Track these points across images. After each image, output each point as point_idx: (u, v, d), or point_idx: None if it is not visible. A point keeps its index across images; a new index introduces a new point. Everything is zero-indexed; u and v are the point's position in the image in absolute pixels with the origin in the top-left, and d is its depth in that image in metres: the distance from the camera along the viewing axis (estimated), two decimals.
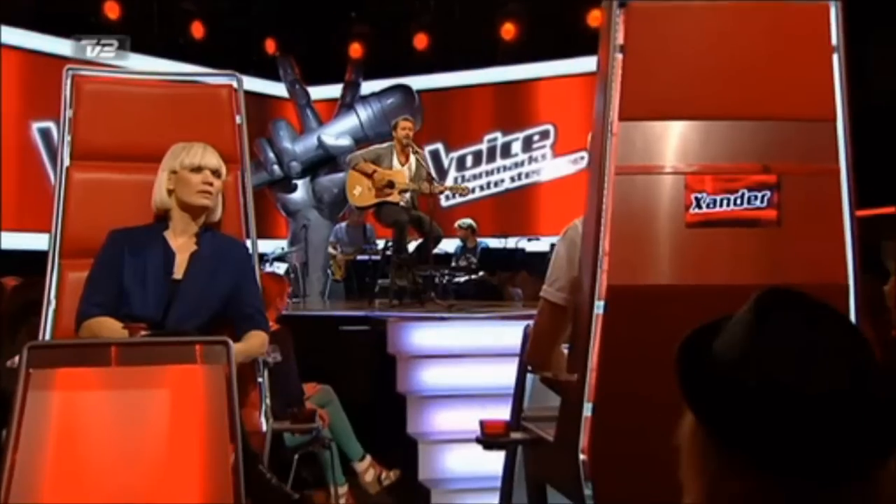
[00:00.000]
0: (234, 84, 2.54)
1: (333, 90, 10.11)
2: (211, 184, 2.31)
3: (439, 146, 10.39)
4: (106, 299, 2.23)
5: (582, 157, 9.77)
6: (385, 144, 6.36)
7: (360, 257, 8.42)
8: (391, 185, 6.09)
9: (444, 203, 9.51)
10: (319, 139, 9.64)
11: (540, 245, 8.63)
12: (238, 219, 2.51)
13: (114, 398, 1.83)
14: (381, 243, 8.30)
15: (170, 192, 2.33)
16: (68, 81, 2.47)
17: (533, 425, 2.18)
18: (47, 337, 2.35)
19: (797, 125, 1.65)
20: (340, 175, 9.56)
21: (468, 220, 8.69)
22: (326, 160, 9.74)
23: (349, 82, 10.03)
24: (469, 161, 10.45)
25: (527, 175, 10.16)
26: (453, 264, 8.56)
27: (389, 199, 6.11)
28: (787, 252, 1.66)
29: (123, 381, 1.84)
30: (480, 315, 5.26)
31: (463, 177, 10.35)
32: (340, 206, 9.66)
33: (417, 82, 9.93)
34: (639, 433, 1.76)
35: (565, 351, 2.04)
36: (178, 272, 2.28)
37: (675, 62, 1.70)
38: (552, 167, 9.99)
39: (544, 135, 10.05)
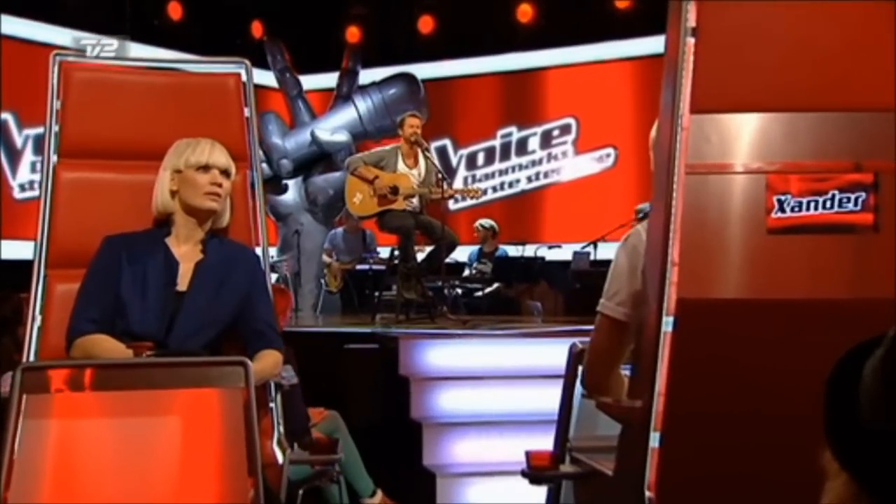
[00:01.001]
0: (243, 73, 2.55)
1: (328, 79, 10.13)
2: (220, 185, 2.31)
3: (446, 142, 10.41)
4: (101, 314, 2.23)
5: (608, 155, 9.78)
6: (389, 146, 6.38)
7: (358, 266, 8.43)
8: (395, 190, 6.09)
9: (451, 206, 9.51)
10: (313, 134, 9.65)
11: (561, 253, 8.64)
12: (247, 224, 2.51)
13: (118, 426, 1.83)
14: (382, 251, 8.31)
15: (173, 193, 2.33)
16: (55, 68, 2.47)
17: (584, 456, 2.17)
18: (31, 358, 2.35)
19: (894, 117, 1.64)
20: (336, 175, 9.57)
21: (489, 221, 8.70)
22: (321, 158, 9.75)
23: (346, 70, 10.05)
24: (480, 159, 10.46)
25: (545, 175, 10.17)
26: (466, 273, 8.56)
27: (393, 206, 6.12)
28: (882, 262, 1.65)
29: (129, 407, 1.84)
30: (503, 332, 5.26)
31: (473, 176, 10.36)
32: (336, 210, 9.66)
33: (422, 70, 9.94)
34: (713, 467, 1.76)
35: (624, 373, 2.03)
36: (183, 283, 2.28)
37: (754, 46, 1.69)
38: (574, 166, 10.00)
39: (565, 129, 10.06)
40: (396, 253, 6.44)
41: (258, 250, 2.50)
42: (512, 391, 4.50)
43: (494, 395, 4.48)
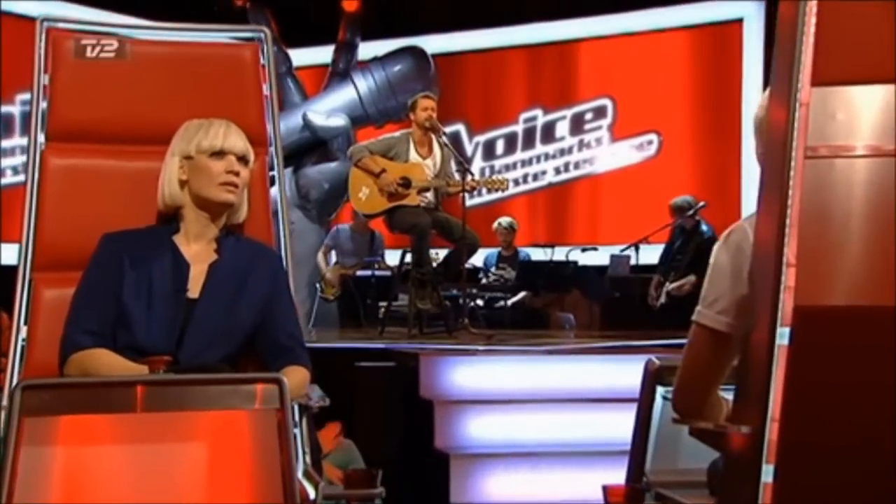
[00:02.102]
0: (262, 43, 2.55)
1: (322, 54, 10.13)
2: (237, 173, 2.31)
3: (460, 128, 10.41)
4: (100, 325, 2.23)
5: (650, 142, 9.78)
6: (399, 133, 6.38)
7: (358, 273, 8.42)
8: (407, 183, 6.09)
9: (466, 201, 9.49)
10: (305, 118, 9.65)
11: (597, 257, 8.64)
12: (266, 219, 2.50)
13: (133, 455, 1.83)
14: (390, 255, 8.30)
15: (182, 183, 2.32)
16: (43, 37, 2.47)
17: (669, 492, 2.15)
18: (15, 378, 2.34)
19: None
20: (332, 165, 9.58)
21: (509, 219, 8.70)
22: (314, 145, 9.75)
23: (343, 43, 10.05)
24: (499, 147, 10.46)
25: (576, 165, 10.17)
26: (483, 280, 8.57)
27: (405, 201, 6.11)
28: None
29: (146, 431, 1.83)
30: (539, 348, 5.25)
31: (492, 167, 10.37)
32: (331, 206, 9.67)
33: (432, 43, 9.96)
34: None
35: (723, 394, 2.02)
36: (194, 289, 2.28)
37: (889, 4, 1.68)
38: (610, 155, 10.00)
39: (599, 112, 10.06)
40: (408, 256, 6.43)
41: (280, 250, 2.50)
42: (551, 417, 4.50)
43: (532, 422, 4.47)
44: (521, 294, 8.53)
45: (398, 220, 6.18)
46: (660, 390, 2.40)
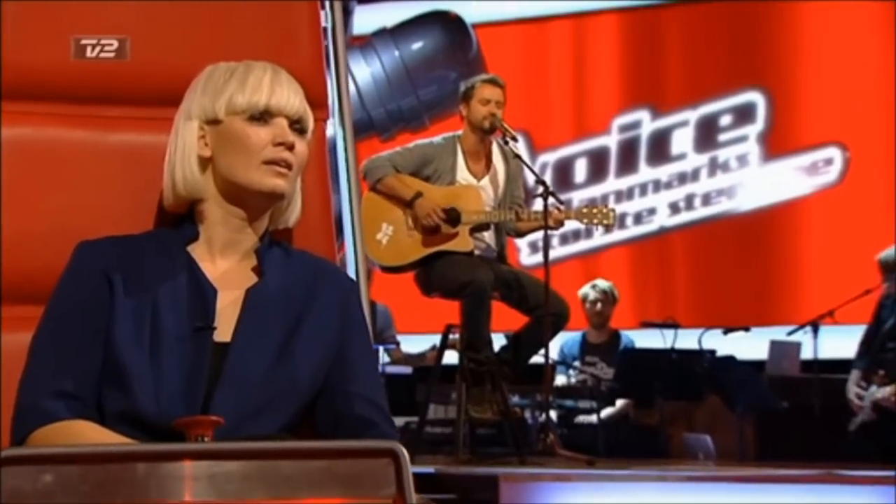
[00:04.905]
0: None
1: None
2: (291, 146, 2.31)
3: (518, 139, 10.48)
4: (78, 384, 2.23)
5: (829, 160, 9.75)
6: (440, 139, 6.43)
7: None
8: (454, 217, 6.11)
9: (525, 257, 9.53)
10: None
11: (748, 344, 8.58)
12: (327, 223, 2.55)
13: None
14: (405, 341, 8.33)
15: (204, 163, 2.34)
16: None
17: None
18: None
19: None
20: None
21: (607, 283, 8.66)
22: None
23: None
24: (579, 171, 10.50)
25: (707, 199, 10.18)
26: (562, 379, 8.56)
27: (452, 246, 6.14)
28: None
29: None
30: (679, 472, 5.28)
31: (569, 201, 10.40)
32: None
33: (470, 8, 10.06)
34: None
35: None
36: (225, 328, 2.29)
37: None
38: (762, 181, 9.96)
39: (744, 113, 10.10)
40: (453, 334, 6.43)
41: (350, 270, 2.53)
42: None
43: None
44: (620, 403, 8.51)
45: (441, 276, 6.21)
46: None
